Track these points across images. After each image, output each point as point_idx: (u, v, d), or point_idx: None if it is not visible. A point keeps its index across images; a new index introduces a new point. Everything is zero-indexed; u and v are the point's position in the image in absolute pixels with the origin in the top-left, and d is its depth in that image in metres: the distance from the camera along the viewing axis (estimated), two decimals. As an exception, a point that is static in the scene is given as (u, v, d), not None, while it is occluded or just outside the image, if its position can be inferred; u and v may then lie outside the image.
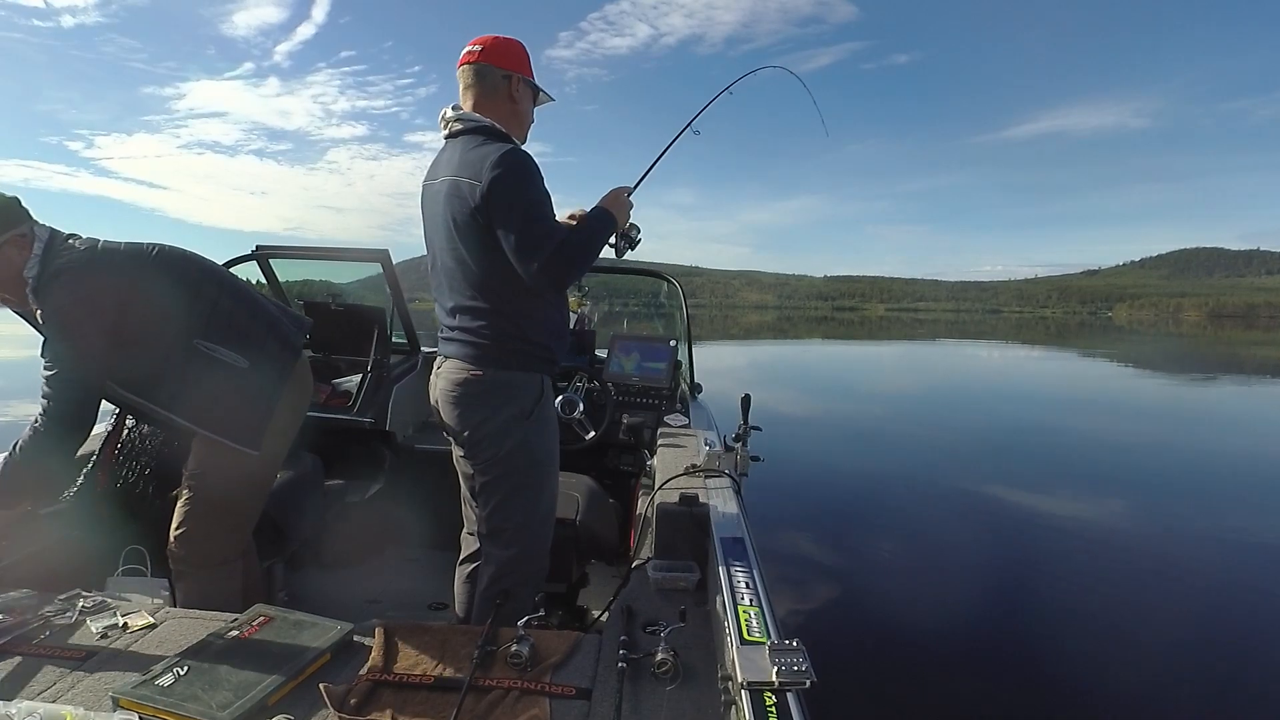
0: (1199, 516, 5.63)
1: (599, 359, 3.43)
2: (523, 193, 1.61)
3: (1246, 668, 3.23)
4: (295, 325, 2.00)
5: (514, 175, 1.60)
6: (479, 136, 1.71)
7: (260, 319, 1.90)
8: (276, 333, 1.92)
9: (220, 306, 1.82)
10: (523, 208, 1.60)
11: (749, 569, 1.44)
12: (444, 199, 1.71)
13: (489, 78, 1.76)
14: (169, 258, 1.79)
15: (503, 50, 1.77)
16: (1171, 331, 63.66)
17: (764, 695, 1.04)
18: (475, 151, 1.66)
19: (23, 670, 1.29)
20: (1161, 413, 11.86)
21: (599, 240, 1.77)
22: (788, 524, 4.95)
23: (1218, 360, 25.93)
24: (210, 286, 1.84)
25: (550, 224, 1.62)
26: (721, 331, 36.64)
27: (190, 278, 1.81)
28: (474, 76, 1.76)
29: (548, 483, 1.82)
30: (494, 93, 1.77)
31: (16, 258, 1.64)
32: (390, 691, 1.26)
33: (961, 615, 3.67)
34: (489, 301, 1.70)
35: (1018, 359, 24.80)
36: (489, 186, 1.59)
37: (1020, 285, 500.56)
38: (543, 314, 1.76)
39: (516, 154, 1.64)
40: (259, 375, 1.85)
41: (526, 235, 1.58)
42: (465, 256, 1.69)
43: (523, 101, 1.82)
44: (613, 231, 1.81)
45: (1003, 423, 10.17)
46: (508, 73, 1.77)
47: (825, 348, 30.37)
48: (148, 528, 2.19)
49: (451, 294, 1.76)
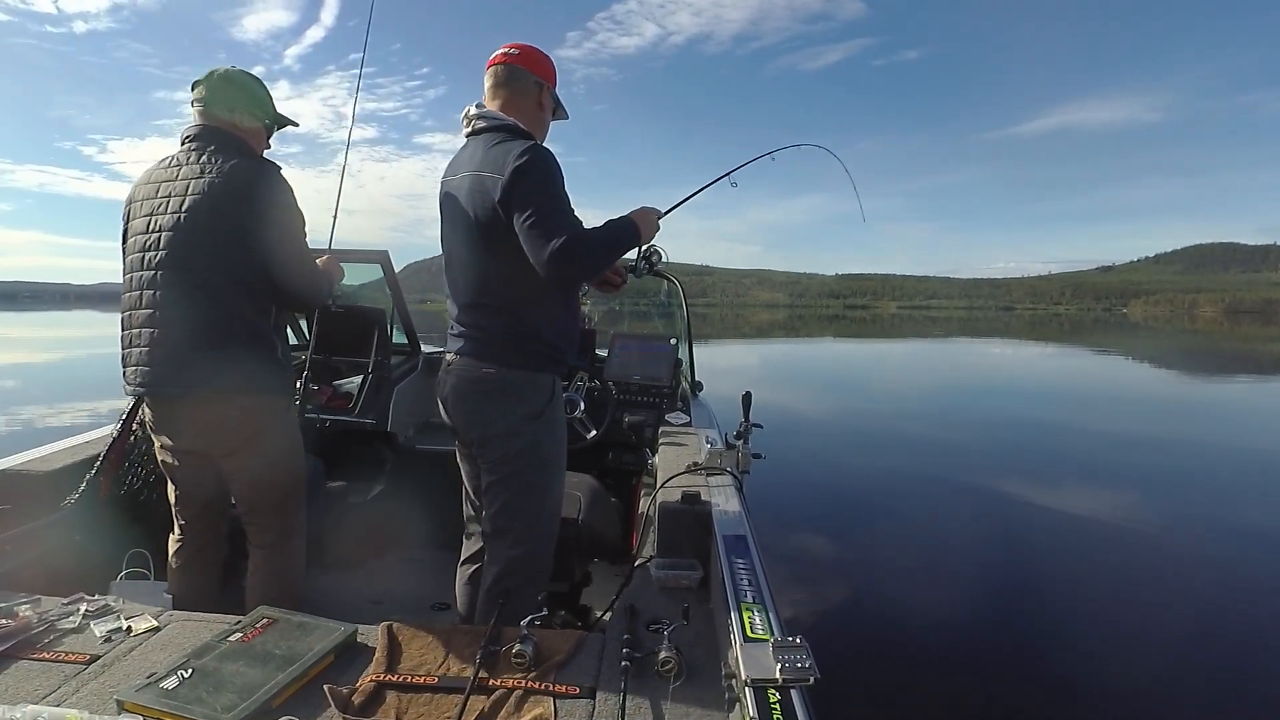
0: (1207, 515, 5.61)
1: (600, 358, 3.43)
2: (544, 186, 1.61)
3: (1252, 667, 3.22)
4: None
5: (536, 170, 1.61)
6: (502, 134, 1.72)
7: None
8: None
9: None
10: (541, 199, 1.60)
11: (752, 566, 1.44)
12: (465, 194, 1.71)
13: (522, 80, 1.78)
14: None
15: (537, 59, 1.81)
16: (1187, 328, 63.25)
17: (768, 692, 1.04)
18: (499, 148, 1.67)
19: (26, 674, 1.29)
20: (1173, 410, 11.78)
21: (618, 244, 1.77)
22: (791, 521, 4.95)
23: (1234, 356, 25.75)
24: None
25: (569, 217, 1.62)
26: (733, 330, 36.68)
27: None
28: (507, 76, 1.78)
29: (555, 483, 1.83)
30: (524, 96, 1.79)
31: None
32: (394, 692, 1.26)
33: (966, 612, 3.67)
34: (503, 300, 1.70)
35: (1030, 356, 24.66)
36: (511, 179, 1.60)
37: (1034, 282, 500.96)
38: (556, 315, 1.76)
39: (540, 150, 1.65)
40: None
41: (543, 224, 1.58)
42: (483, 253, 1.69)
43: (547, 112, 1.85)
44: (634, 243, 1.81)
45: (1010, 420, 10.13)
46: (540, 80, 1.80)
47: (836, 346, 30.37)
48: (151, 532, 2.20)
49: (466, 291, 1.76)
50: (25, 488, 2.06)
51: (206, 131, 1.80)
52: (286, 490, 1.91)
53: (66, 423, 7.18)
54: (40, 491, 2.07)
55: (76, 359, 17.96)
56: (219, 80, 1.82)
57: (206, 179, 1.72)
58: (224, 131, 1.81)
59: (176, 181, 1.76)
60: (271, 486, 1.88)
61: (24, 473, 2.10)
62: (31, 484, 2.08)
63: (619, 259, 1.87)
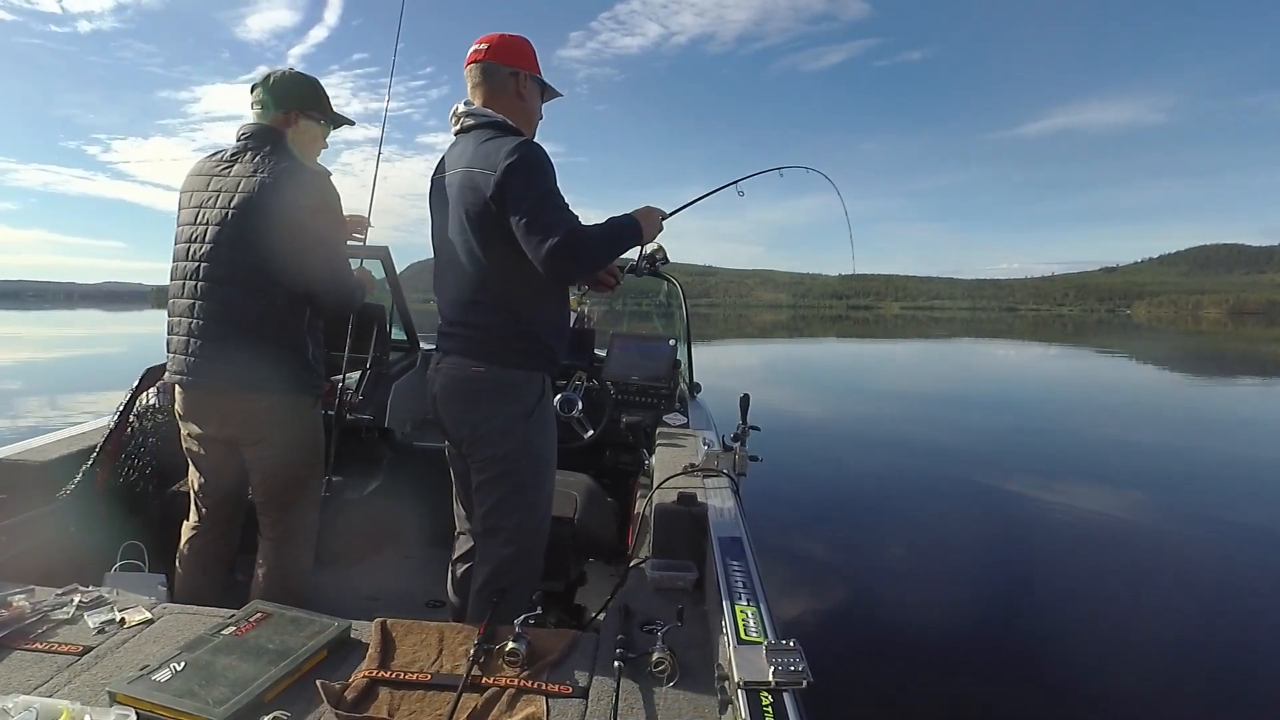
0: (1208, 515, 5.60)
1: (598, 358, 3.43)
2: (537, 180, 1.61)
3: (1253, 668, 3.22)
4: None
5: (528, 165, 1.60)
6: (490, 130, 1.71)
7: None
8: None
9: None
10: (536, 194, 1.59)
11: (747, 569, 1.44)
12: (456, 191, 1.71)
13: (496, 75, 1.77)
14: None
15: (508, 47, 1.78)
16: (1191, 329, 63.01)
17: (760, 695, 1.04)
18: (489, 144, 1.67)
19: (19, 665, 1.29)
20: (1174, 411, 11.75)
21: (618, 242, 1.75)
22: (787, 523, 4.95)
23: (1237, 358, 25.68)
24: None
25: (564, 212, 1.61)
26: (736, 330, 36.70)
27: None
28: (481, 75, 1.77)
29: (546, 482, 1.82)
30: (501, 90, 1.78)
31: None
32: (387, 689, 1.26)
33: (962, 615, 3.68)
34: (494, 298, 1.70)
35: (1033, 357, 24.61)
36: (503, 175, 1.59)
37: (1037, 283, 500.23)
38: (547, 313, 1.76)
39: (530, 145, 1.65)
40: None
41: (539, 218, 1.57)
42: (475, 250, 1.68)
43: (530, 98, 1.82)
44: (635, 241, 1.79)
45: (1009, 421, 10.08)
46: (514, 69, 1.78)
47: (839, 346, 30.37)
48: (146, 524, 2.19)
49: (456, 288, 1.75)
50: (21, 478, 2.06)
51: (262, 131, 1.87)
52: (302, 483, 1.95)
53: (71, 420, 7.19)
54: (36, 482, 2.07)
55: (81, 357, 18.01)
56: (275, 82, 1.89)
57: (258, 178, 1.77)
58: (278, 133, 1.87)
59: (228, 178, 1.81)
60: (289, 479, 1.91)
61: (20, 463, 2.10)
62: (27, 474, 2.08)
63: (618, 257, 1.86)
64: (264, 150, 1.82)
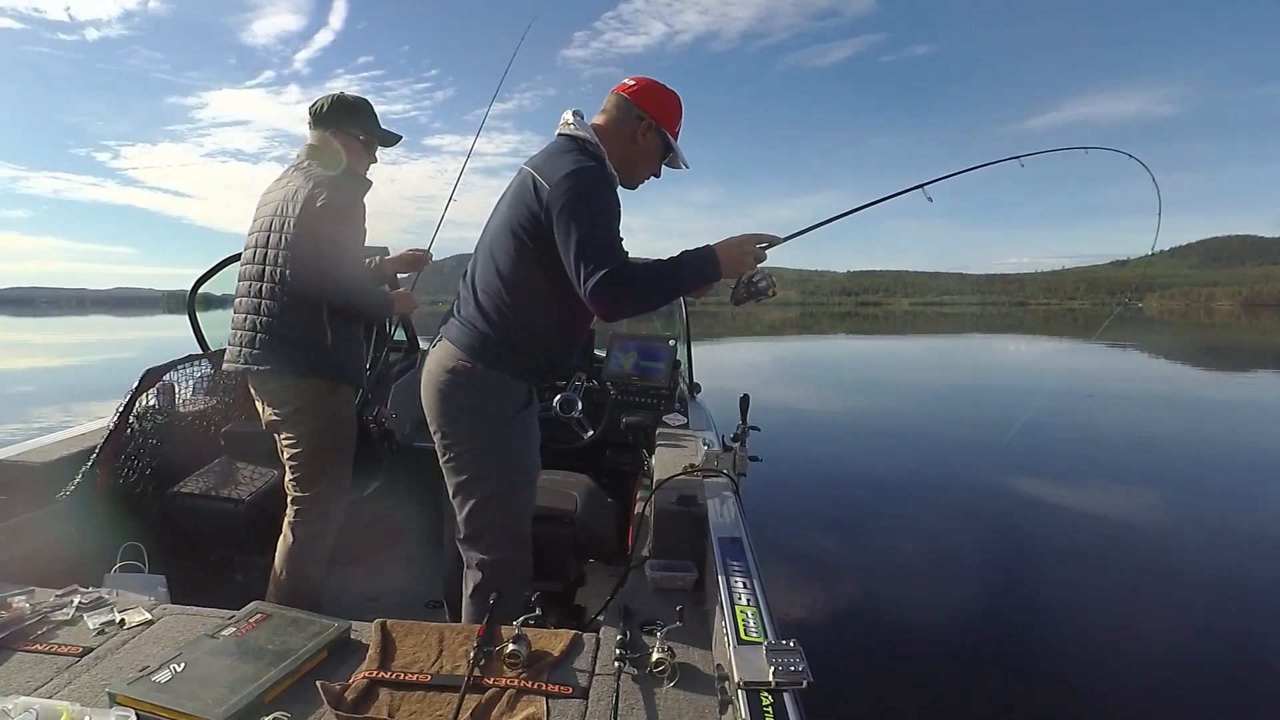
0: (1209, 516, 5.57)
1: (598, 358, 3.42)
2: (587, 209, 1.56)
3: (1254, 668, 3.21)
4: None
5: (584, 190, 1.57)
6: (572, 143, 1.69)
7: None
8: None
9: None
10: (584, 225, 1.54)
11: (746, 569, 1.44)
12: (515, 188, 1.70)
13: (624, 110, 1.73)
14: None
15: (653, 95, 1.75)
16: (1204, 322, 62.29)
17: (760, 695, 1.04)
18: (561, 156, 1.65)
19: (19, 666, 1.29)
20: (1183, 407, 11.60)
21: (674, 280, 1.63)
22: (788, 523, 4.95)
23: (1253, 350, 25.39)
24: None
25: (608, 248, 1.55)
26: (745, 329, 36.56)
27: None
28: (613, 104, 1.75)
29: (525, 489, 1.80)
30: (620, 125, 1.73)
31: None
32: (387, 690, 1.26)
33: (961, 615, 3.67)
34: (506, 303, 1.68)
35: (1042, 352, 24.37)
36: (554, 192, 1.56)
37: (1047, 277, 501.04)
38: (551, 339, 1.73)
39: (593, 171, 1.61)
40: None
41: (583, 254, 1.52)
42: (511, 252, 1.66)
43: (645, 148, 1.76)
44: (705, 279, 1.68)
45: (1009, 420, 10.06)
46: (644, 114, 1.73)
47: (848, 343, 30.25)
48: (146, 525, 2.19)
49: (478, 278, 1.74)
50: (21, 479, 2.06)
51: (312, 150, 2.12)
52: (328, 458, 2.11)
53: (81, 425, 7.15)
54: (36, 483, 2.07)
55: (92, 363, 17.98)
56: (319, 105, 2.13)
57: (303, 193, 2.00)
58: (325, 151, 2.11)
59: (277, 190, 2.09)
60: (315, 452, 2.08)
61: (20, 464, 2.10)
62: (27, 475, 2.08)
63: (693, 290, 1.74)
64: (303, 165, 2.07)
